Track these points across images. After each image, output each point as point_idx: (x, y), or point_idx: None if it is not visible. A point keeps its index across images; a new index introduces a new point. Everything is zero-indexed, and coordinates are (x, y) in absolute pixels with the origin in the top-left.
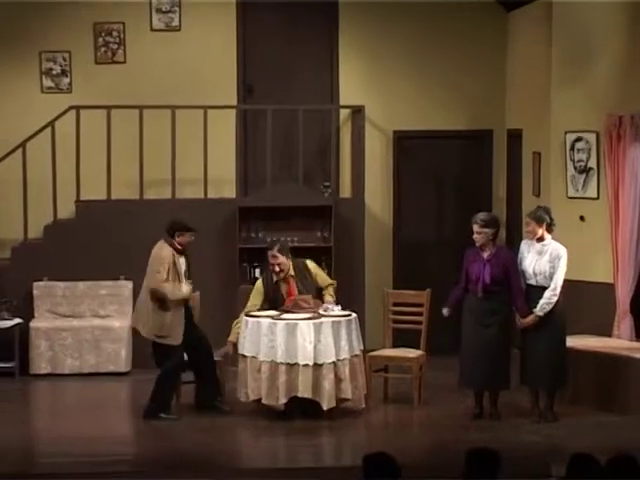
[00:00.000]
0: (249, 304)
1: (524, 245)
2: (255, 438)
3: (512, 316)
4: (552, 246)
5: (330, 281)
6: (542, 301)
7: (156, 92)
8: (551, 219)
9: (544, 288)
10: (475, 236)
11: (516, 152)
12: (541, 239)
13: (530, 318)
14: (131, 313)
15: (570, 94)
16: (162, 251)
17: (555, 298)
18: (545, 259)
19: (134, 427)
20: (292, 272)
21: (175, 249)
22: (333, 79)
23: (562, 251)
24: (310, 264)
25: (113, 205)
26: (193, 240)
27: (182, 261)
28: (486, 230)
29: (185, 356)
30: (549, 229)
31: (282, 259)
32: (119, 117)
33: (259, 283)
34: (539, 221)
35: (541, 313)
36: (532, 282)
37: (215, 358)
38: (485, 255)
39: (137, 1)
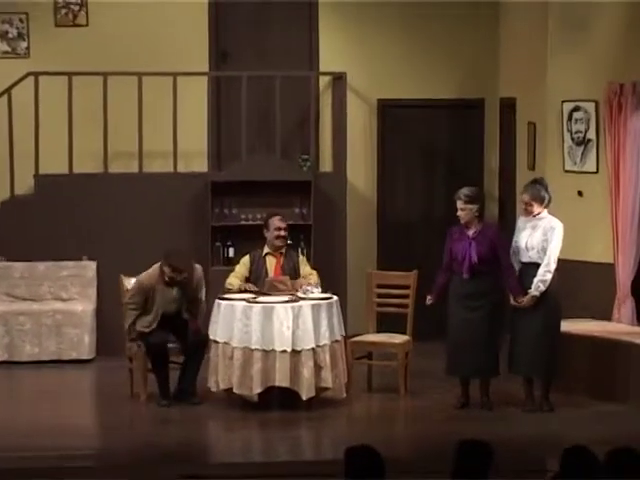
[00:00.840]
0: (234, 273)
1: (520, 222)
2: (228, 430)
3: (502, 298)
4: (546, 220)
5: (311, 271)
6: (536, 279)
7: (121, 57)
8: (550, 195)
9: (538, 265)
10: (459, 213)
11: (509, 122)
12: (537, 214)
13: (526, 299)
14: (95, 295)
15: (568, 60)
16: (144, 275)
17: (550, 275)
18: (538, 233)
19: (98, 419)
20: (284, 249)
21: (163, 280)
22: (312, 43)
23: (556, 224)
24: (300, 256)
25: (75, 179)
26: (175, 278)
27: (169, 292)
28: (471, 206)
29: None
30: (547, 205)
31: (287, 225)
32: (81, 84)
33: (246, 257)
34: (540, 201)
35: (537, 293)
36: (525, 259)
37: None
38: (470, 233)
39: None
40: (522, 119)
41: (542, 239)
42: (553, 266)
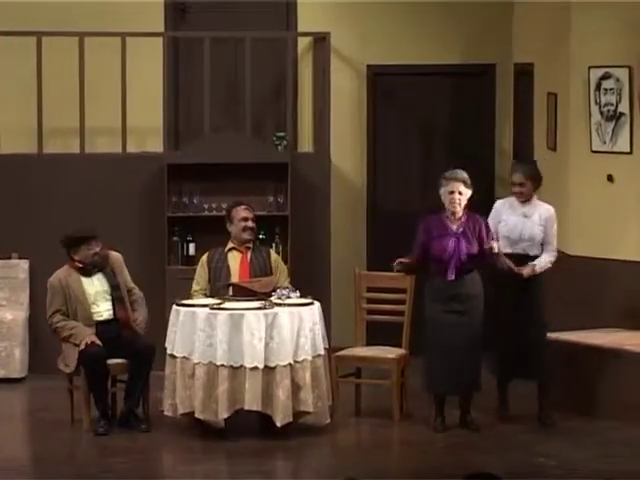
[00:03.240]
0: (195, 282)
1: (501, 206)
2: (188, 462)
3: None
4: (541, 207)
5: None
6: (547, 257)
7: (59, 14)
8: (541, 176)
9: (529, 257)
10: (457, 198)
11: (526, 93)
12: (528, 199)
13: (528, 269)
14: (27, 301)
15: (595, 18)
16: (50, 279)
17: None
18: (535, 222)
19: (31, 450)
20: (250, 244)
21: (76, 269)
22: None
23: (553, 212)
24: (273, 253)
25: (3, 161)
26: (96, 251)
27: (89, 281)
28: (470, 192)
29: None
30: (538, 187)
31: (254, 215)
32: (10, 46)
33: (204, 256)
34: (533, 180)
35: (539, 269)
36: (512, 250)
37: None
38: (455, 226)
39: None
40: (541, 89)
41: (540, 229)
42: None
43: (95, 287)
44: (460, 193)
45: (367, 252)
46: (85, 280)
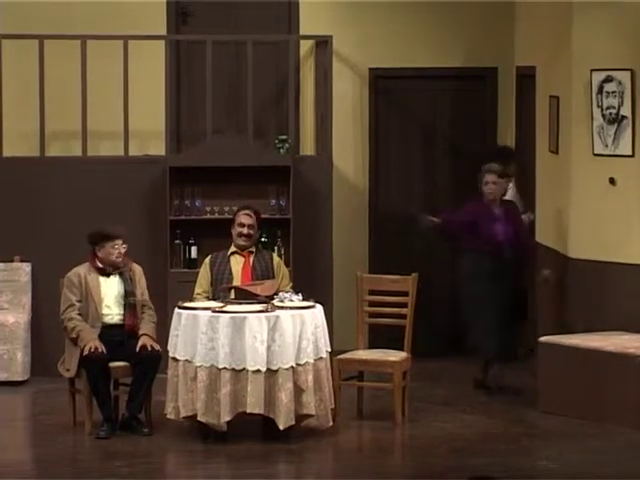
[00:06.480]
0: (198, 283)
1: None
2: (190, 466)
3: None
4: None
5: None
6: None
7: (61, 17)
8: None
9: None
10: (491, 187)
11: (528, 96)
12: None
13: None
14: (29, 304)
15: (598, 21)
16: (69, 274)
17: None
18: None
19: (33, 453)
20: (253, 248)
21: (95, 268)
22: (291, 2)
23: None
24: (276, 257)
25: (5, 164)
26: (121, 252)
27: (107, 282)
28: (501, 181)
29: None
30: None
31: (254, 222)
32: (13, 50)
33: (207, 258)
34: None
35: None
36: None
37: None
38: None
39: None
40: (543, 92)
41: None
42: None
43: (112, 289)
44: (494, 183)
45: (369, 255)
46: (103, 280)
